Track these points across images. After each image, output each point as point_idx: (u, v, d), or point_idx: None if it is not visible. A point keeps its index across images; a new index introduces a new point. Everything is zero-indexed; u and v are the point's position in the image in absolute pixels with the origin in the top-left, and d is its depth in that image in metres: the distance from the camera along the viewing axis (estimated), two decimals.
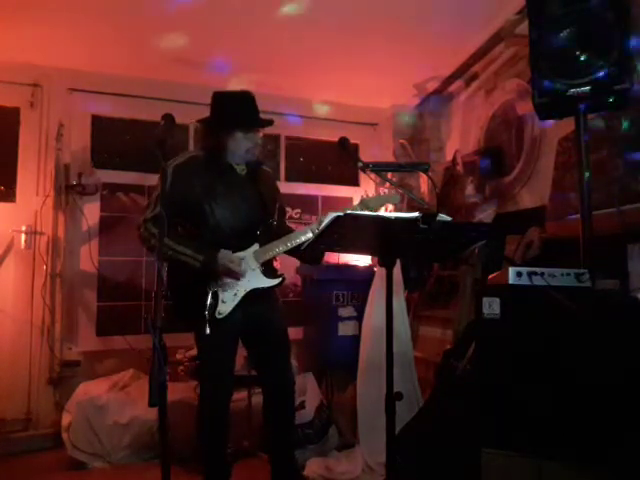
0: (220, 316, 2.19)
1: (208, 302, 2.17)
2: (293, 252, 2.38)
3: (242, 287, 2.24)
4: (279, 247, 2.28)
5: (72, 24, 3.15)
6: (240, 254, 2.25)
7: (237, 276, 2.21)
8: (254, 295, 2.27)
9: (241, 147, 2.31)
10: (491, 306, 1.82)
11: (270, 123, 2.38)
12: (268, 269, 2.32)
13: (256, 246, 2.29)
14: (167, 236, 2.09)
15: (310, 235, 2.24)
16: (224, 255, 2.18)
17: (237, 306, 2.23)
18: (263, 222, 2.34)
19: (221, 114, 2.32)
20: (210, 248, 2.19)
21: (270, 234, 2.34)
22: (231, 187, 2.32)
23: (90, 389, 3.23)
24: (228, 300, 2.21)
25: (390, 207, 4.25)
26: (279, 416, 2.45)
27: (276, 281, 2.31)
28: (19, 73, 3.61)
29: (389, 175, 3.24)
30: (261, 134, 2.37)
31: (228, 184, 2.32)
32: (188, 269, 2.16)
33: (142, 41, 3.37)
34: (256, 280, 2.27)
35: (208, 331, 2.13)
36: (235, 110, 2.31)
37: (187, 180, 2.23)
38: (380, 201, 2.38)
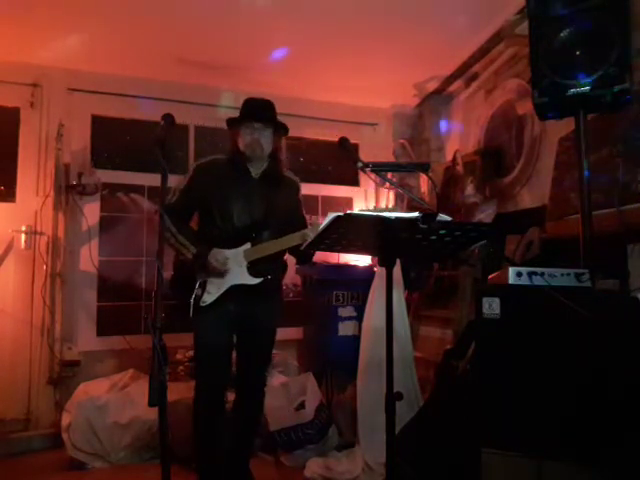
0: (203, 304, 2.32)
1: (195, 290, 2.33)
2: (291, 252, 2.48)
3: (226, 282, 2.35)
4: (269, 248, 2.36)
5: (72, 24, 3.15)
6: (231, 251, 2.35)
7: (219, 273, 2.33)
8: (244, 292, 2.35)
9: (242, 142, 2.39)
10: (491, 306, 1.82)
11: (274, 121, 2.43)
12: (255, 268, 2.36)
13: (248, 245, 2.37)
14: (175, 226, 2.30)
15: (298, 241, 2.30)
16: (214, 253, 2.31)
17: (222, 299, 2.33)
18: (264, 224, 2.40)
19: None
20: (206, 243, 2.34)
21: (269, 236, 2.40)
22: (241, 190, 2.42)
23: (90, 389, 3.23)
24: (212, 291, 2.35)
25: (390, 206, 4.25)
26: (243, 417, 2.54)
27: (257, 280, 2.35)
28: (19, 73, 3.61)
29: (389, 175, 3.23)
30: (266, 133, 2.39)
31: (239, 187, 2.42)
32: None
33: (142, 41, 3.37)
34: (239, 277, 2.35)
35: (192, 314, 2.32)
36: (243, 108, 2.43)
37: (204, 181, 2.39)
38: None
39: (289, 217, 2.50)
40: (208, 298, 2.33)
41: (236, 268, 2.34)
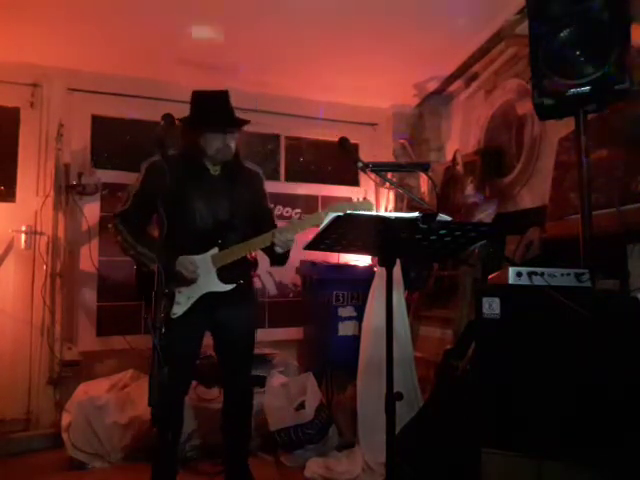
0: (174, 316, 2.19)
1: (163, 301, 2.20)
2: (265, 252, 2.36)
3: (196, 291, 2.23)
4: (238, 252, 2.25)
5: (72, 24, 3.15)
6: (198, 257, 2.23)
7: (188, 282, 2.21)
8: (216, 299, 2.25)
9: (211, 147, 2.26)
10: (491, 306, 1.82)
11: (241, 123, 2.32)
12: (225, 273, 2.26)
13: (215, 250, 2.26)
14: (132, 235, 2.20)
15: (268, 242, 2.21)
16: (181, 260, 2.19)
17: (193, 309, 2.22)
18: (229, 225, 2.31)
19: (194, 113, 2.29)
20: (170, 252, 2.15)
21: (236, 237, 2.30)
22: (201, 188, 2.29)
23: (90, 389, 3.23)
24: (182, 302, 2.22)
25: (390, 207, 4.25)
26: (235, 422, 2.47)
27: (229, 287, 2.27)
28: (19, 73, 3.61)
29: (389, 175, 3.24)
30: (235, 134, 2.30)
31: (198, 185, 2.29)
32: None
33: (142, 41, 3.37)
34: (210, 284, 2.24)
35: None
36: (205, 110, 2.27)
37: (159, 179, 2.13)
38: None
39: (254, 212, 2.40)
40: (178, 310, 2.20)
41: (205, 275, 2.22)
